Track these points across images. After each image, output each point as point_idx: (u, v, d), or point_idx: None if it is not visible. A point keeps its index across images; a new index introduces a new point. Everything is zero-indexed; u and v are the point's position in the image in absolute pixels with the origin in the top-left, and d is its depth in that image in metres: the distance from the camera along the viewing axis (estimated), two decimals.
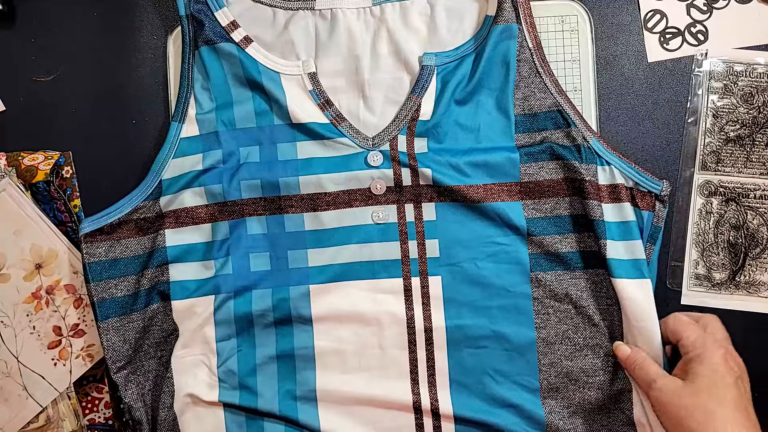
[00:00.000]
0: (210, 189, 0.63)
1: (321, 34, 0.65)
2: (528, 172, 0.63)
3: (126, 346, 0.63)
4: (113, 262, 0.63)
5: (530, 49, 0.64)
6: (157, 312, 0.64)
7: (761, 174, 0.66)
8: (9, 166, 0.66)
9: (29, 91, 0.68)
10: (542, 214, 0.63)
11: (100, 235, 0.63)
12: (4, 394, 0.65)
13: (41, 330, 0.65)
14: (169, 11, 0.68)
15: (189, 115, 0.64)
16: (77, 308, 0.65)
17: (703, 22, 0.67)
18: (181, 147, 0.64)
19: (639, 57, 0.68)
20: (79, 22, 0.69)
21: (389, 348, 0.63)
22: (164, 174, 0.64)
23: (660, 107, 0.67)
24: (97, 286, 0.63)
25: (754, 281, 0.66)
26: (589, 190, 0.62)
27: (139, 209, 0.63)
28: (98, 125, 0.68)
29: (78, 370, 0.65)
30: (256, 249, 0.64)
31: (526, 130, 0.64)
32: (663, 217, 0.63)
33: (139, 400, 0.63)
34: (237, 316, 0.63)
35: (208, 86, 0.64)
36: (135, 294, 0.63)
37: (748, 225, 0.66)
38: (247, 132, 0.64)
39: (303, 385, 0.63)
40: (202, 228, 0.64)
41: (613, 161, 0.63)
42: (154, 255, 0.63)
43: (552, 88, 0.63)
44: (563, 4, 0.66)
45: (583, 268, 0.63)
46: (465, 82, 0.64)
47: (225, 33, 0.63)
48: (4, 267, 0.65)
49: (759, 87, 0.66)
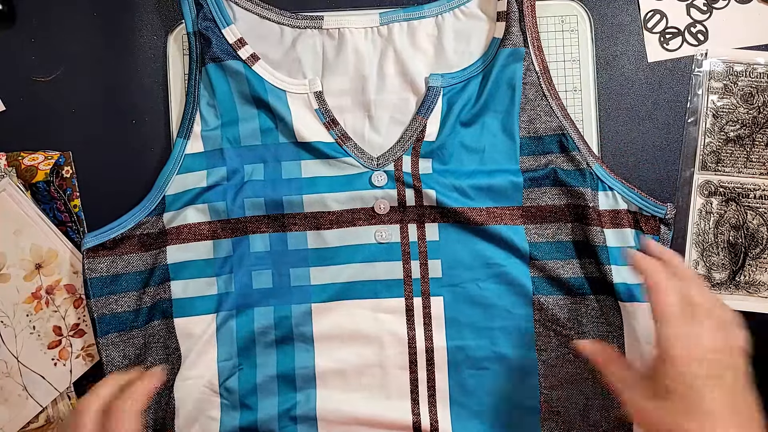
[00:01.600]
0: (213, 206, 0.63)
1: (328, 53, 0.65)
2: (531, 197, 0.63)
3: (126, 362, 0.63)
4: (115, 278, 0.63)
5: (537, 72, 0.64)
6: (159, 329, 0.64)
7: (761, 174, 0.66)
8: (9, 166, 0.66)
9: (29, 91, 0.68)
10: (544, 239, 0.64)
11: (103, 250, 0.63)
12: (5, 394, 0.65)
13: (41, 330, 0.65)
14: (169, 11, 0.68)
15: (194, 132, 0.64)
16: (77, 308, 0.65)
17: (703, 22, 0.67)
18: (185, 163, 0.64)
19: (639, 57, 0.68)
20: (79, 22, 0.69)
21: (390, 368, 0.63)
22: (168, 190, 0.64)
23: (660, 107, 0.67)
24: (97, 302, 0.63)
25: (754, 281, 0.66)
26: (592, 216, 0.62)
27: (142, 225, 0.63)
28: (98, 125, 0.68)
29: (78, 370, 0.65)
30: (258, 266, 0.64)
31: (531, 153, 0.64)
32: (668, 241, 0.64)
33: None
34: (239, 334, 0.63)
35: (214, 103, 0.64)
36: (136, 310, 0.63)
37: (748, 225, 0.66)
38: (251, 149, 0.64)
39: (303, 404, 0.63)
40: (204, 245, 0.64)
41: (615, 186, 0.63)
42: (155, 271, 0.63)
43: (558, 111, 0.64)
44: (563, 4, 0.66)
45: (585, 294, 0.63)
46: (471, 104, 0.64)
47: (232, 50, 0.63)
48: (4, 267, 0.65)
49: (759, 87, 0.66)
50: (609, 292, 0.63)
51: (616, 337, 0.63)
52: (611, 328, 0.63)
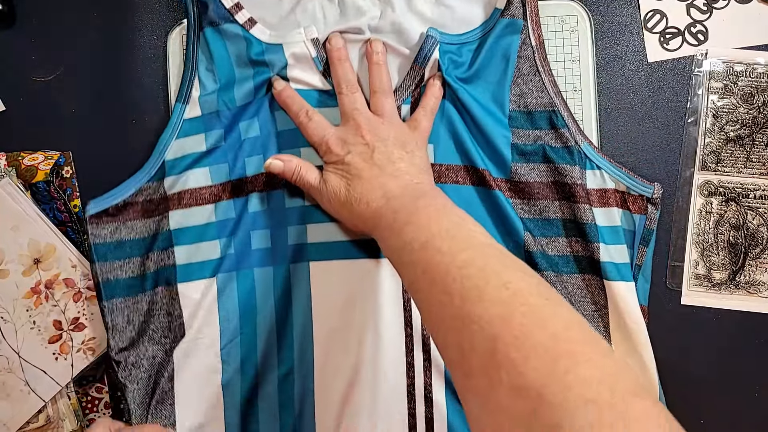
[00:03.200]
0: (214, 169, 0.63)
1: (329, 17, 0.64)
2: (519, 172, 0.63)
3: (129, 327, 0.63)
4: (119, 244, 0.63)
5: (533, 47, 0.64)
6: (163, 296, 0.64)
7: (761, 174, 0.66)
8: (9, 166, 0.66)
9: (29, 91, 0.68)
10: (531, 216, 0.64)
11: (106, 216, 0.63)
12: (6, 389, 0.65)
13: (41, 325, 0.65)
14: (169, 11, 0.68)
15: (192, 97, 0.64)
16: (77, 302, 0.65)
17: (703, 22, 0.67)
18: (184, 128, 0.64)
19: (639, 57, 0.67)
20: (79, 22, 0.69)
21: (385, 328, 0.63)
22: (167, 155, 0.64)
23: (660, 107, 0.67)
24: (102, 267, 0.63)
25: (754, 281, 0.66)
26: (580, 194, 0.62)
27: (143, 191, 0.63)
28: (98, 125, 0.68)
29: (79, 364, 0.65)
30: (256, 227, 0.64)
31: (520, 127, 0.64)
32: (655, 220, 0.63)
33: (136, 383, 0.63)
34: (239, 297, 0.63)
35: (212, 68, 0.64)
36: (140, 276, 0.64)
37: (748, 225, 0.66)
38: (245, 107, 0.64)
39: (301, 366, 0.63)
40: (206, 209, 0.64)
41: (603, 165, 0.63)
42: (159, 237, 0.63)
43: (550, 88, 0.63)
44: (563, 4, 0.66)
45: (570, 272, 0.64)
46: (464, 70, 0.64)
47: (229, 15, 0.63)
48: (2, 263, 0.65)
49: (759, 87, 0.66)
50: (595, 271, 0.63)
51: (601, 316, 0.63)
52: (596, 307, 0.63)
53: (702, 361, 0.67)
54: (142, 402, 0.63)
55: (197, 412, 0.63)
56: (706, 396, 0.67)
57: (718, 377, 0.67)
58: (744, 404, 0.67)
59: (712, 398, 0.67)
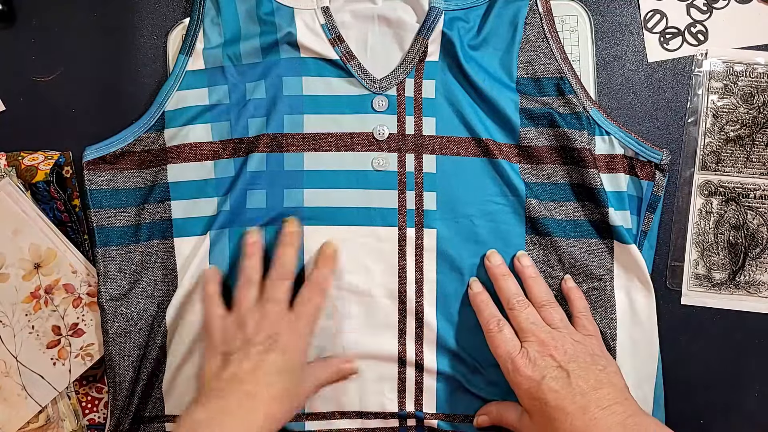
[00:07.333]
0: (215, 126, 0.64)
1: None
2: (528, 136, 0.63)
3: (121, 276, 0.64)
4: (114, 192, 0.64)
5: (540, 14, 0.64)
6: (158, 248, 0.64)
7: (761, 174, 0.66)
8: (9, 166, 0.66)
9: (29, 91, 0.68)
10: (539, 180, 0.64)
11: (103, 164, 0.64)
12: (4, 393, 0.65)
13: (40, 329, 0.65)
14: (169, 11, 0.68)
15: (196, 49, 0.64)
16: (76, 308, 0.65)
17: (703, 22, 0.67)
18: (186, 80, 0.64)
19: (639, 57, 0.68)
20: (79, 22, 0.69)
21: (379, 296, 0.63)
22: (167, 105, 0.64)
23: (660, 107, 0.67)
24: (97, 213, 0.64)
25: (754, 281, 0.66)
26: (588, 159, 0.62)
27: (142, 140, 0.64)
28: (98, 125, 0.68)
29: (77, 370, 0.65)
30: (253, 186, 0.63)
31: (528, 94, 0.64)
32: (663, 186, 0.63)
33: (123, 336, 0.63)
34: (231, 254, 0.64)
35: (218, 21, 0.64)
36: (135, 226, 0.64)
37: (748, 225, 0.66)
38: (252, 67, 0.64)
39: None
40: (205, 165, 0.64)
41: (612, 131, 0.63)
42: (155, 189, 0.64)
43: (558, 54, 0.64)
44: (563, 4, 0.66)
45: (578, 236, 0.64)
46: (473, 35, 0.64)
47: None
48: (2, 266, 0.65)
49: (759, 87, 0.66)
50: (602, 235, 0.63)
51: (608, 280, 0.63)
52: (603, 271, 0.63)
53: (702, 361, 0.67)
54: (134, 357, 0.63)
55: (191, 366, 0.64)
56: (706, 396, 0.67)
57: (718, 377, 0.67)
58: (744, 404, 0.67)
59: (712, 398, 0.67)
